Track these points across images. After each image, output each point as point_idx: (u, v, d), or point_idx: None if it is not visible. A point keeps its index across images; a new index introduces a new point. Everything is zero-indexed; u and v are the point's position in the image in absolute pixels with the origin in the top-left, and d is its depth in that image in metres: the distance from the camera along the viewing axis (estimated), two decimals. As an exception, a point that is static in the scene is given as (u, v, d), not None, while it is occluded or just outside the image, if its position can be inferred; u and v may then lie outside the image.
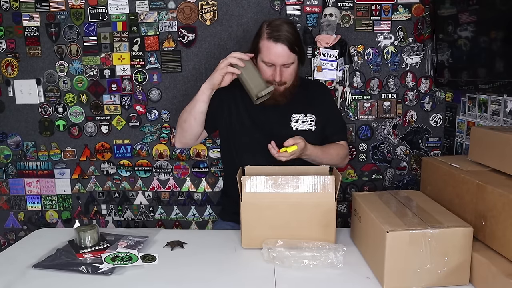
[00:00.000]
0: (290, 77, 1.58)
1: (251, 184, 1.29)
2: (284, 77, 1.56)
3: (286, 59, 1.53)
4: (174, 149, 2.10)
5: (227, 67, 1.50)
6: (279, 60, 1.53)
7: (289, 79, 1.58)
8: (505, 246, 1.04)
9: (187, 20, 1.99)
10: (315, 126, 1.65)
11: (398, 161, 2.08)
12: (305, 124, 1.64)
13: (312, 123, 1.65)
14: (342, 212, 2.11)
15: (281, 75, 1.54)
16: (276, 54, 1.52)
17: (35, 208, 2.19)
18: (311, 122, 1.65)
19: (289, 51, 1.52)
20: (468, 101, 1.83)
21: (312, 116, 1.65)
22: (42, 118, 2.11)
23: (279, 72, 1.54)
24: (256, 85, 1.49)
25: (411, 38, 1.96)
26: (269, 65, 1.55)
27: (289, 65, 1.55)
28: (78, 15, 2.01)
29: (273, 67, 1.55)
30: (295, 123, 1.63)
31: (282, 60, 1.53)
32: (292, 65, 1.56)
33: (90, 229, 1.34)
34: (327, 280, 1.14)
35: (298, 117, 1.64)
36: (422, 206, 1.24)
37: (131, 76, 2.05)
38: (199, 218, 2.16)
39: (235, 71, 1.50)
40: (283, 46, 1.51)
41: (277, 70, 1.54)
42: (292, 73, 1.58)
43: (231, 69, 1.49)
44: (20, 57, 2.06)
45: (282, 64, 1.54)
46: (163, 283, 1.15)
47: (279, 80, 1.55)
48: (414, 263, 1.07)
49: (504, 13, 1.40)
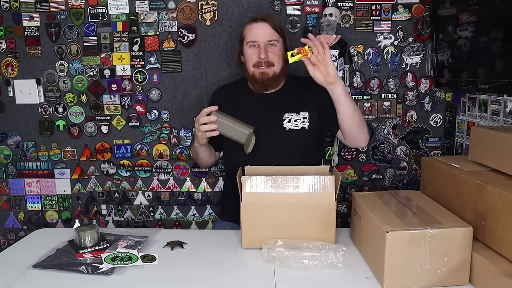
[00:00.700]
0: (277, 58, 1.58)
1: (251, 184, 1.29)
2: (270, 57, 1.57)
3: (270, 36, 1.57)
4: (174, 149, 2.10)
5: (204, 133, 1.50)
6: (262, 37, 1.57)
7: (276, 60, 1.58)
8: (505, 246, 1.04)
9: (187, 20, 1.99)
10: (309, 123, 1.62)
11: (398, 161, 2.08)
12: (298, 123, 1.61)
13: (305, 121, 1.62)
14: (342, 212, 2.11)
15: (266, 53, 1.56)
16: (258, 30, 1.58)
17: (35, 208, 2.19)
18: (304, 119, 1.62)
19: (271, 28, 1.57)
20: (468, 101, 1.83)
21: (305, 113, 1.62)
22: (42, 118, 2.11)
23: (264, 49, 1.56)
24: (240, 136, 1.50)
25: (411, 38, 1.96)
26: (253, 45, 1.59)
27: (273, 42, 1.58)
28: (78, 15, 2.01)
29: (258, 48, 1.58)
30: (288, 123, 1.61)
31: (265, 36, 1.57)
32: (277, 45, 1.59)
33: (90, 229, 1.34)
34: (327, 280, 1.14)
35: (290, 116, 1.62)
36: (422, 206, 1.24)
37: (131, 76, 2.05)
38: (199, 218, 2.16)
39: (213, 134, 1.50)
40: (265, 23, 1.59)
41: (262, 48, 1.57)
42: (278, 54, 1.59)
43: (210, 134, 1.50)
44: (20, 57, 2.06)
45: (266, 41, 1.57)
46: (163, 283, 1.15)
47: (264, 56, 1.56)
48: (414, 263, 1.07)
49: (504, 13, 1.40)
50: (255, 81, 1.61)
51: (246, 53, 1.62)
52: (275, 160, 1.47)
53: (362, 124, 1.59)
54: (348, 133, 1.59)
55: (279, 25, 1.61)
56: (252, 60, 1.59)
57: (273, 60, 1.58)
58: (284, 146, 1.61)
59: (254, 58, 1.58)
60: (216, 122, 1.48)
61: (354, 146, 1.84)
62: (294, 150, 1.61)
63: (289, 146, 1.60)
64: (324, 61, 1.46)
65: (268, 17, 1.61)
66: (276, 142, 1.60)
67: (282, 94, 1.66)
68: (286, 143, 1.61)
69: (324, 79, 1.47)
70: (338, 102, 1.51)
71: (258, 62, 1.57)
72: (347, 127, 1.56)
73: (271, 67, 1.58)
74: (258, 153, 1.56)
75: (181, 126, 2.08)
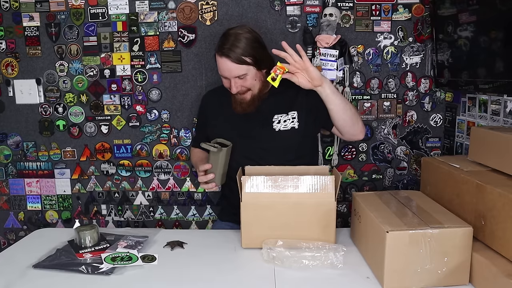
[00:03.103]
0: (251, 83, 1.54)
1: (251, 184, 1.29)
2: (242, 88, 1.54)
3: (236, 72, 1.51)
4: (174, 149, 2.10)
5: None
6: (228, 73, 1.52)
7: (251, 84, 1.54)
8: (505, 246, 1.04)
9: (187, 20, 1.99)
10: (298, 122, 1.60)
11: (398, 161, 2.08)
12: (288, 123, 1.60)
13: (295, 120, 1.60)
14: (342, 212, 2.11)
15: (236, 86, 1.53)
16: (223, 68, 1.53)
17: (35, 208, 2.19)
18: (293, 119, 1.60)
19: (235, 64, 1.49)
20: (468, 101, 1.83)
21: (294, 113, 1.60)
22: (42, 118, 2.11)
23: (233, 84, 1.53)
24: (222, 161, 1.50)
25: (411, 38, 1.96)
26: (225, 77, 1.56)
27: (243, 76, 1.52)
28: (78, 15, 2.01)
29: (229, 80, 1.54)
30: (277, 124, 1.59)
31: (230, 73, 1.52)
32: (247, 76, 1.53)
33: (90, 229, 1.34)
34: (327, 280, 1.14)
35: (279, 118, 1.60)
36: (422, 206, 1.24)
37: (131, 76, 2.05)
38: (199, 218, 2.16)
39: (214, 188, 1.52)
40: (227, 60, 1.50)
41: (232, 82, 1.53)
42: (251, 81, 1.54)
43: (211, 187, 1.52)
44: (20, 57, 2.06)
45: (233, 76, 1.52)
46: (163, 283, 1.15)
47: (235, 92, 1.54)
48: (414, 263, 1.07)
49: (504, 13, 1.40)
50: (234, 101, 1.60)
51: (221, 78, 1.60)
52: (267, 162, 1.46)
53: (356, 118, 1.57)
54: (343, 129, 1.59)
55: (244, 52, 1.50)
56: (227, 87, 1.57)
57: (246, 86, 1.54)
58: (275, 147, 1.60)
59: (228, 86, 1.57)
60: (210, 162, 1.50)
61: (352, 140, 1.81)
62: (286, 151, 1.60)
63: (280, 147, 1.59)
64: (304, 67, 1.44)
65: (229, 51, 1.49)
66: (267, 144, 1.60)
67: (270, 96, 1.64)
68: (277, 144, 1.60)
69: (310, 84, 1.46)
70: (327, 101, 1.50)
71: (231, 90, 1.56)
72: (341, 123, 1.56)
73: (248, 92, 1.56)
74: (250, 156, 1.56)
75: (181, 126, 2.08)
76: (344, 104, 1.51)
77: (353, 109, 1.56)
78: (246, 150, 1.59)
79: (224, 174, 1.53)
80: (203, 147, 1.51)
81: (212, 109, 1.71)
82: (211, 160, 1.49)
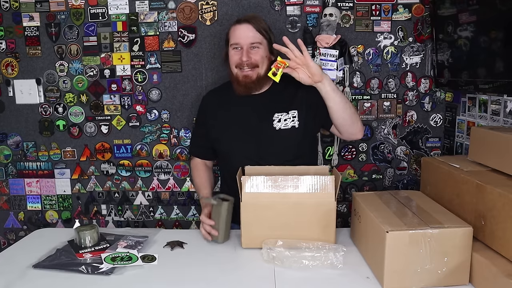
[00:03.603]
0: (261, 60, 1.56)
1: (251, 184, 1.29)
2: (253, 59, 1.55)
3: (252, 38, 1.54)
4: (174, 149, 2.10)
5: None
6: (244, 40, 1.55)
7: (259, 61, 1.56)
8: (505, 246, 1.04)
9: (187, 20, 1.99)
10: (299, 122, 1.60)
11: (398, 161, 2.08)
12: (288, 122, 1.60)
13: (295, 119, 1.60)
14: (342, 212, 2.11)
15: (248, 55, 1.54)
16: (241, 33, 1.56)
17: (35, 208, 2.19)
18: (293, 118, 1.60)
19: (254, 30, 1.55)
20: (468, 101, 1.83)
21: (294, 112, 1.60)
22: (42, 118, 2.11)
23: (246, 52, 1.54)
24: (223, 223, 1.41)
25: (411, 38, 1.96)
26: (236, 47, 1.56)
27: (256, 45, 1.55)
28: (78, 15, 2.01)
29: (241, 50, 1.55)
30: (278, 123, 1.59)
31: (247, 38, 1.54)
32: (260, 47, 1.56)
33: (90, 229, 1.34)
34: (327, 280, 1.14)
35: (280, 116, 1.60)
36: (422, 206, 1.24)
37: (131, 76, 2.05)
38: (199, 218, 2.16)
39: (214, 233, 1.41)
40: (247, 25, 1.56)
41: (244, 50, 1.54)
42: (262, 55, 1.56)
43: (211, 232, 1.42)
44: (20, 57, 2.06)
45: (249, 43, 1.54)
46: (163, 283, 1.15)
47: (246, 59, 1.54)
48: (414, 263, 1.07)
49: (504, 13, 1.40)
50: (238, 83, 1.59)
51: (229, 54, 1.60)
52: (268, 161, 1.47)
53: (355, 117, 1.58)
54: (342, 128, 1.59)
55: (263, 27, 1.58)
56: (235, 61, 1.57)
57: (256, 61, 1.55)
58: (275, 146, 1.59)
59: (236, 59, 1.56)
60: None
61: (350, 139, 1.80)
62: (286, 150, 1.60)
63: (280, 146, 1.60)
64: (305, 62, 1.45)
65: (252, 19, 1.57)
66: (267, 143, 1.60)
67: (270, 94, 1.64)
68: (277, 143, 1.59)
69: (310, 79, 1.47)
70: (327, 98, 1.50)
71: (240, 63, 1.56)
72: (340, 122, 1.56)
73: (255, 69, 1.56)
74: (250, 156, 1.57)
75: (181, 126, 2.08)
76: (344, 102, 1.52)
77: (352, 108, 1.57)
78: (246, 150, 1.59)
79: (228, 231, 1.41)
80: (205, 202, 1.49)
81: (212, 109, 1.71)
82: (213, 214, 1.41)
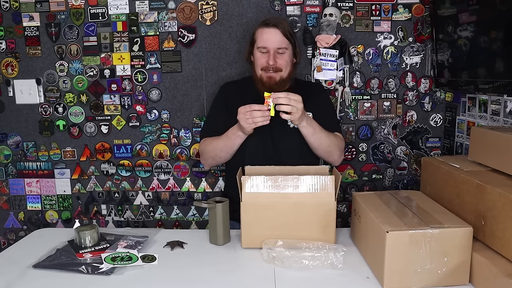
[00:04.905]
0: (285, 64, 1.62)
1: (251, 184, 1.29)
2: (278, 63, 1.61)
3: (279, 43, 1.60)
4: (174, 149, 2.10)
5: (255, 123, 1.48)
6: (272, 44, 1.60)
7: (284, 66, 1.62)
8: (505, 246, 1.04)
9: (187, 20, 1.99)
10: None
11: (398, 161, 2.08)
12: None
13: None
14: (342, 212, 2.11)
15: (274, 59, 1.60)
16: (269, 37, 1.61)
17: (35, 208, 2.19)
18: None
19: (282, 35, 1.60)
20: (468, 101, 1.83)
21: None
22: (42, 118, 2.11)
23: (272, 56, 1.60)
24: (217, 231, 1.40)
25: (411, 38, 1.96)
26: (263, 50, 1.62)
27: (283, 50, 1.61)
28: (78, 15, 2.01)
29: (268, 53, 1.61)
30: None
31: (275, 43, 1.60)
32: (286, 52, 1.62)
33: (90, 229, 1.34)
34: (327, 280, 1.14)
35: None
36: (422, 206, 1.24)
37: (131, 76, 2.05)
38: (199, 218, 2.16)
39: (265, 122, 1.48)
40: (276, 29, 1.61)
41: (271, 54, 1.60)
42: (287, 60, 1.63)
43: (261, 123, 1.48)
44: (20, 57, 2.06)
45: (276, 48, 1.60)
46: (163, 283, 1.15)
47: (272, 63, 1.60)
48: (414, 263, 1.07)
49: (504, 13, 1.40)
50: (262, 84, 1.65)
51: (255, 56, 1.66)
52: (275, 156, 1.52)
53: (333, 150, 1.65)
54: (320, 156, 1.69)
55: (289, 31, 1.64)
56: (261, 64, 1.63)
57: (281, 66, 1.62)
58: (286, 143, 1.64)
59: (263, 62, 1.62)
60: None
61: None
62: (294, 148, 1.64)
63: (290, 144, 1.64)
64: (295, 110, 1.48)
65: (279, 23, 1.62)
66: (279, 139, 1.64)
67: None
68: (288, 140, 1.64)
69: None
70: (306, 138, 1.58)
71: (266, 67, 1.62)
72: (317, 153, 1.66)
73: (279, 72, 1.63)
74: (260, 149, 1.61)
75: (181, 126, 2.08)
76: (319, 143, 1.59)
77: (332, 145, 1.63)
78: (260, 143, 1.62)
79: (226, 232, 1.39)
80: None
81: (232, 98, 1.73)
82: (210, 217, 1.40)
